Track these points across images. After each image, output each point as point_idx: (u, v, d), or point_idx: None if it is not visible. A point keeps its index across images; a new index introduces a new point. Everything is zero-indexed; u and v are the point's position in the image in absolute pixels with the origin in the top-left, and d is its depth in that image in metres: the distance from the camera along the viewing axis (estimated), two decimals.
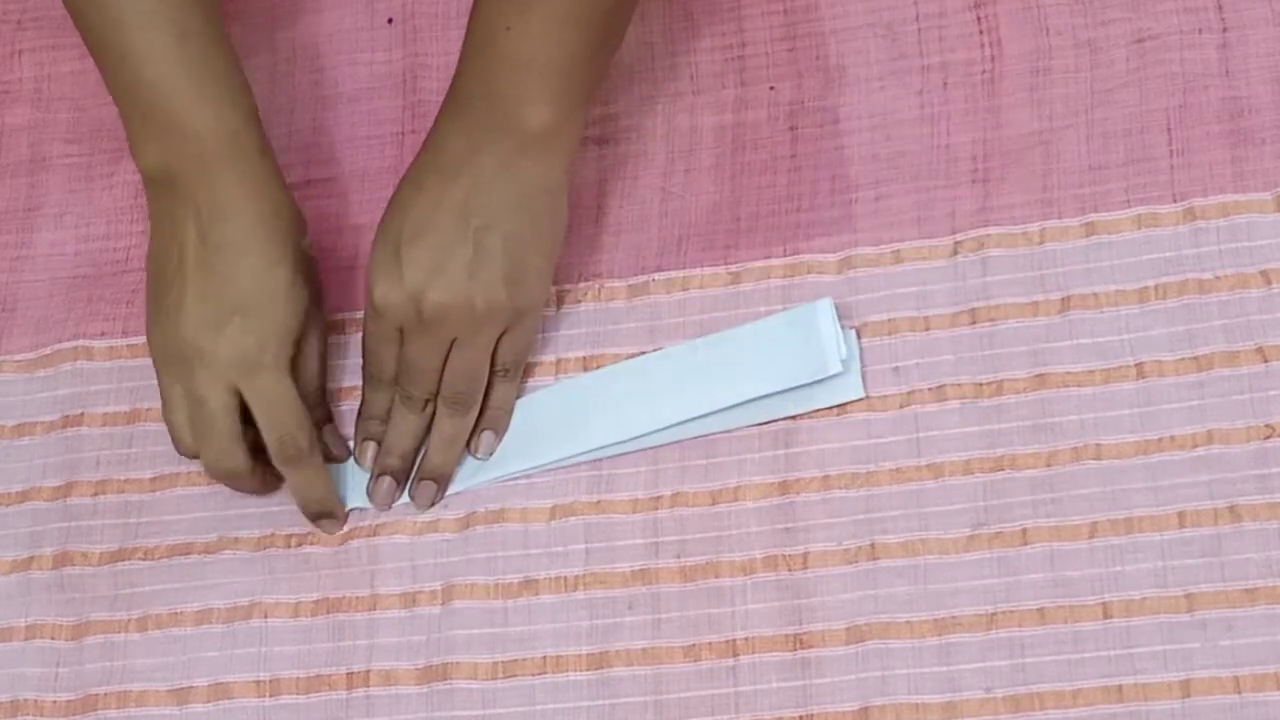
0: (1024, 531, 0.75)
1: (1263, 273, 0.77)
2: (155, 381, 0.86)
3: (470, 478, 0.82)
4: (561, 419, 0.81)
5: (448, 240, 0.77)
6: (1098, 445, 0.76)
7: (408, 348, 0.79)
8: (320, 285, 0.83)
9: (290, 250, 0.80)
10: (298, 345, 0.80)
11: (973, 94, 0.85)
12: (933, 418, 0.78)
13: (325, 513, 0.81)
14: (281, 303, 0.79)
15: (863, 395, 0.79)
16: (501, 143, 0.77)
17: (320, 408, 0.83)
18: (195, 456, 0.81)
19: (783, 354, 0.79)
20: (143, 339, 0.87)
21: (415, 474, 0.82)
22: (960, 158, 0.83)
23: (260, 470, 0.81)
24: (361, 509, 0.82)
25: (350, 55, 0.93)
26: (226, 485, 0.82)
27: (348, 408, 0.84)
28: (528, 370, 0.83)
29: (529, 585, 0.79)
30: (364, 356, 0.82)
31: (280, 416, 0.79)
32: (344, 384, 0.85)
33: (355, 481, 0.83)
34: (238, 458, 0.80)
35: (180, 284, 0.79)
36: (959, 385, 0.78)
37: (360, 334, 0.85)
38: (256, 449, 0.80)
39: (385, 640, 0.79)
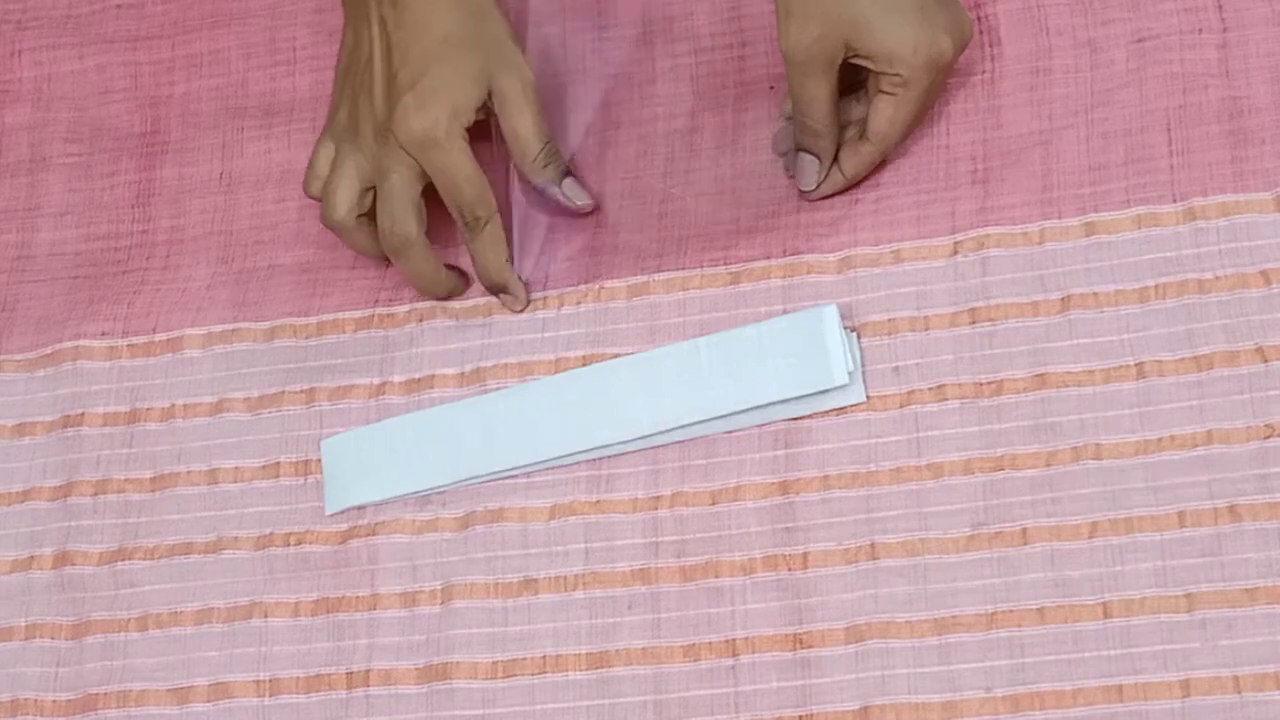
0: (1024, 531, 0.75)
1: (1262, 273, 0.77)
2: (155, 382, 0.87)
3: (469, 472, 0.82)
4: (562, 415, 0.81)
5: None
6: (1098, 445, 0.76)
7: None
8: (521, 42, 0.84)
9: (466, 19, 0.82)
10: (492, 110, 0.83)
11: (972, 94, 0.85)
12: (933, 417, 0.78)
13: (501, 285, 0.84)
14: (454, 77, 0.81)
15: (864, 399, 0.79)
16: None
17: (548, 162, 0.84)
18: (336, 228, 0.84)
19: (788, 361, 0.79)
20: (143, 339, 0.88)
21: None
22: (960, 158, 0.83)
23: (427, 249, 0.83)
24: (361, 507, 0.82)
25: None
26: (395, 259, 0.84)
27: (345, 406, 0.84)
28: (526, 374, 0.83)
29: (529, 585, 0.79)
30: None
31: (456, 188, 0.82)
32: (341, 383, 0.85)
33: (366, 474, 0.83)
34: (411, 226, 0.82)
35: (369, 69, 0.83)
36: (959, 385, 0.78)
37: (359, 334, 0.85)
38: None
39: (385, 640, 0.80)
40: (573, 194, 0.85)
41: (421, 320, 0.85)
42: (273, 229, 0.90)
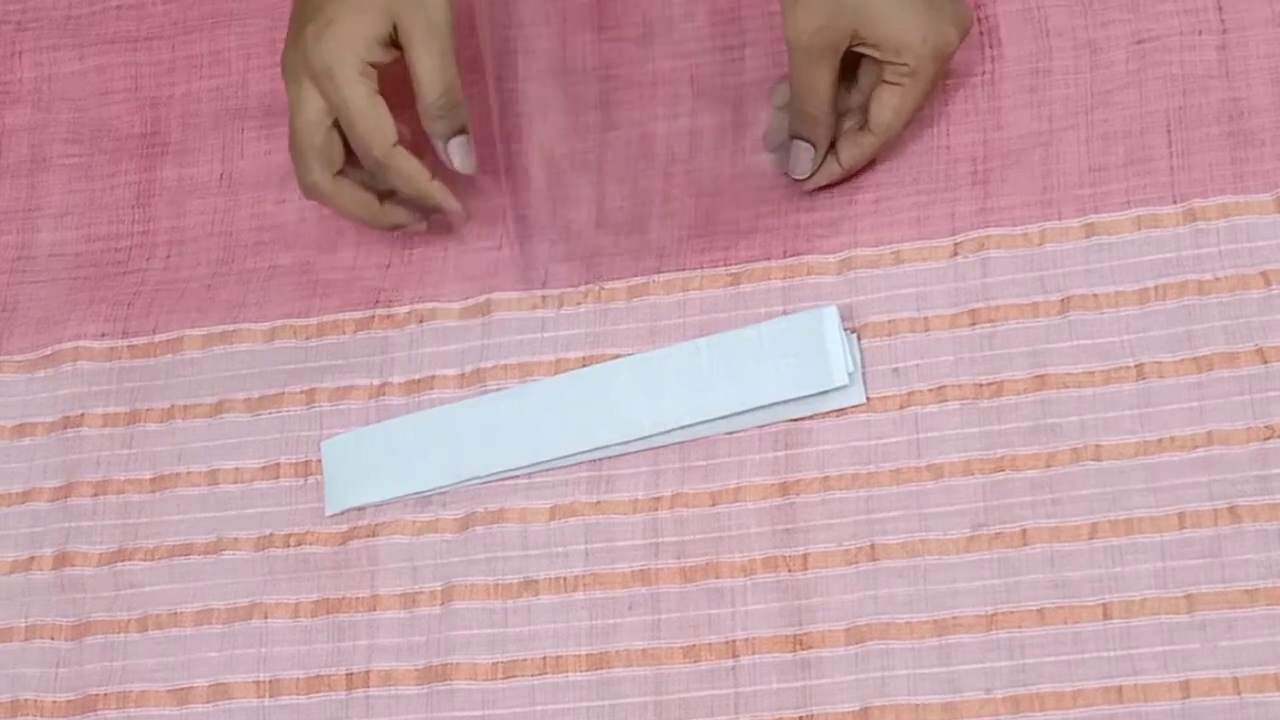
0: (1024, 532, 0.76)
1: (1262, 274, 0.77)
2: (155, 383, 0.87)
3: (469, 473, 0.82)
4: (562, 415, 0.81)
5: None
6: (1098, 446, 0.76)
7: None
8: None
9: None
10: (404, 47, 0.80)
11: (972, 95, 0.85)
12: (933, 418, 0.78)
13: (432, 207, 0.83)
14: (353, 9, 0.79)
15: (864, 400, 0.79)
16: None
17: (441, 114, 0.81)
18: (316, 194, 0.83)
19: (788, 362, 0.79)
20: (143, 339, 0.88)
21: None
22: (960, 159, 0.83)
23: (345, 188, 0.82)
24: (361, 508, 0.82)
25: None
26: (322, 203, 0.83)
27: (345, 407, 0.84)
28: (526, 374, 0.83)
29: (529, 586, 0.79)
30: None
31: (349, 122, 0.80)
32: (341, 384, 0.85)
33: (366, 474, 0.83)
34: (312, 171, 0.81)
35: (295, 7, 0.82)
36: (959, 386, 0.78)
37: (359, 334, 0.85)
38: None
39: (385, 641, 0.80)
40: (456, 155, 0.82)
41: (421, 321, 0.85)
42: (273, 230, 0.90)
